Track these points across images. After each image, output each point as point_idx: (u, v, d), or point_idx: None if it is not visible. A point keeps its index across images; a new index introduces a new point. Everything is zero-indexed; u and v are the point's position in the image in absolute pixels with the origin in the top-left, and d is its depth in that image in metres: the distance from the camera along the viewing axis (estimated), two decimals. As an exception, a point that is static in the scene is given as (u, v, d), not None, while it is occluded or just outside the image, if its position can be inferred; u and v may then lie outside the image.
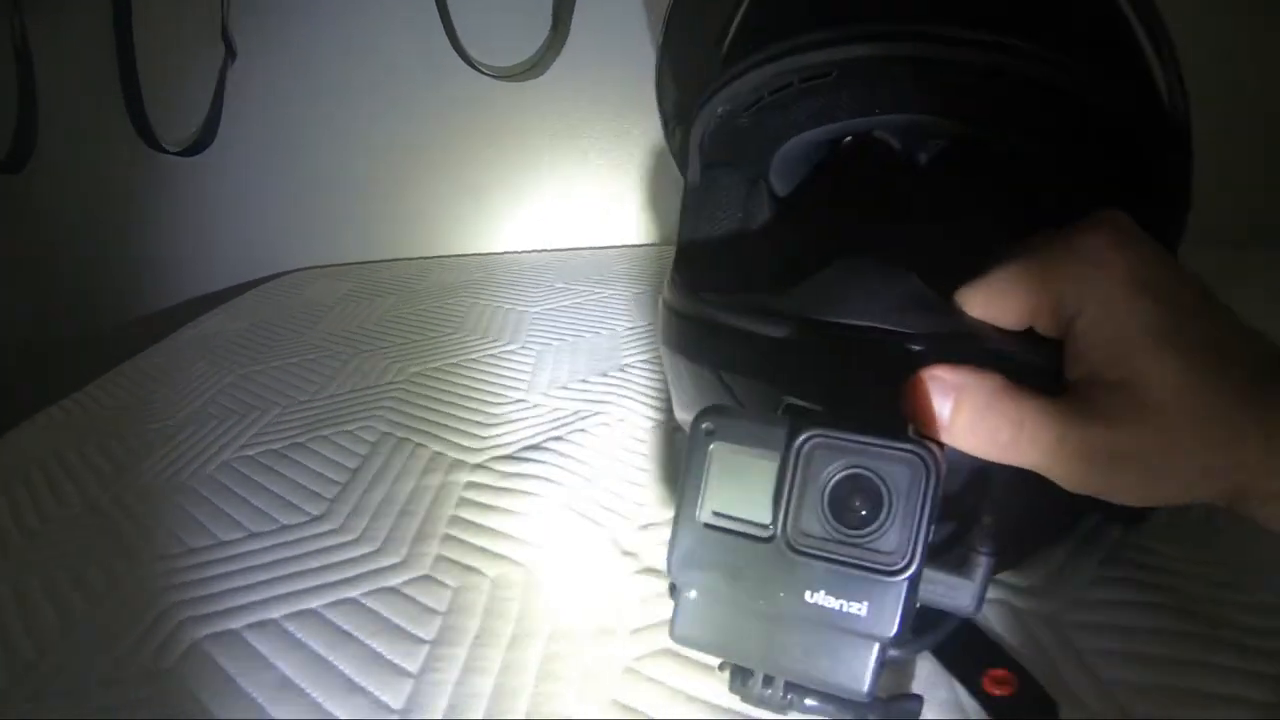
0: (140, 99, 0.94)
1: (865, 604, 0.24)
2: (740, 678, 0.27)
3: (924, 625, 0.27)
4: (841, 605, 0.24)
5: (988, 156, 0.40)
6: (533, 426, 0.53)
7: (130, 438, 0.58)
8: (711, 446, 0.25)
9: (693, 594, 0.26)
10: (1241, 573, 0.34)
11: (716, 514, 0.25)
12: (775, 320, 0.31)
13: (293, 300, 0.91)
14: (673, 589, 0.26)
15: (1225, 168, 0.84)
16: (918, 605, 0.25)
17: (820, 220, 0.44)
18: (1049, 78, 0.34)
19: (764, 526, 0.25)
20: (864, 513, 0.24)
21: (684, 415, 0.40)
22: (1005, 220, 0.40)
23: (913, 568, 0.23)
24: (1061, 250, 0.27)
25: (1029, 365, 0.28)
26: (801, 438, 0.24)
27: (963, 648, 0.31)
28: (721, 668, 0.27)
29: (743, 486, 0.25)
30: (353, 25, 0.96)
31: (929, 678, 0.31)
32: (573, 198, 1.02)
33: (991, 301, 0.28)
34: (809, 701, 0.26)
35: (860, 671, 0.24)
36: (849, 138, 0.46)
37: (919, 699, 0.27)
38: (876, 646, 0.24)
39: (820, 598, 0.24)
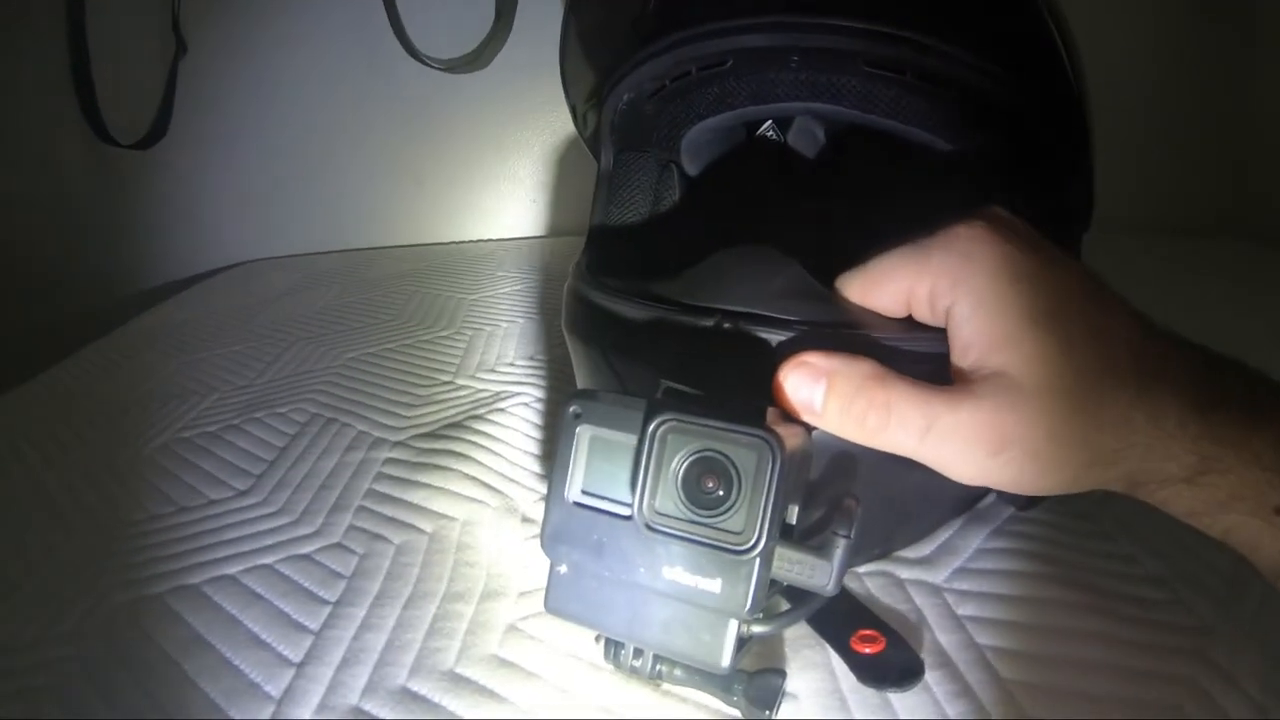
0: (93, 92, 0.94)
1: (718, 581, 0.24)
2: (613, 649, 0.28)
3: (795, 600, 0.28)
4: (696, 582, 0.25)
5: (894, 147, 0.40)
6: (454, 407, 0.55)
7: (78, 422, 0.59)
8: (578, 429, 0.26)
9: (563, 568, 0.27)
10: (1135, 547, 0.36)
11: (585, 493, 0.26)
12: (658, 305, 0.32)
13: (240, 291, 0.93)
14: (551, 564, 0.27)
15: (1190, 161, 0.88)
16: (783, 585, 0.26)
17: (724, 206, 0.45)
18: (937, 68, 0.35)
19: (627, 505, 0.26)
20: (717, 493, 0.24)
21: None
22: (905, 210, 0.42)
23: (760, 545, 0.24)
24: (937, 244, 0.27)
25: (907, 352, 0.28)
26: (655, 421, 0.25)
27: (834, 612, 0.32)
28: (598, 639, 0.29)
29: (608, 466, 0.26)
30: (301, 19, 0.97)
31: (800, 640, 0.32)
32: (518, 189, 1.03)
33: (868, 289, 0.29)
34: (677, 673, 0.28)
35: (718, 647, 0.25)
36: (769, 123, 0.48)
37: (782, 673, 0.29)
38: (733, 623, 0.25)
39: (677, 574, 0.25)
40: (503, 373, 0.60)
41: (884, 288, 0.28)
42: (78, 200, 1.02)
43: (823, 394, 0.26)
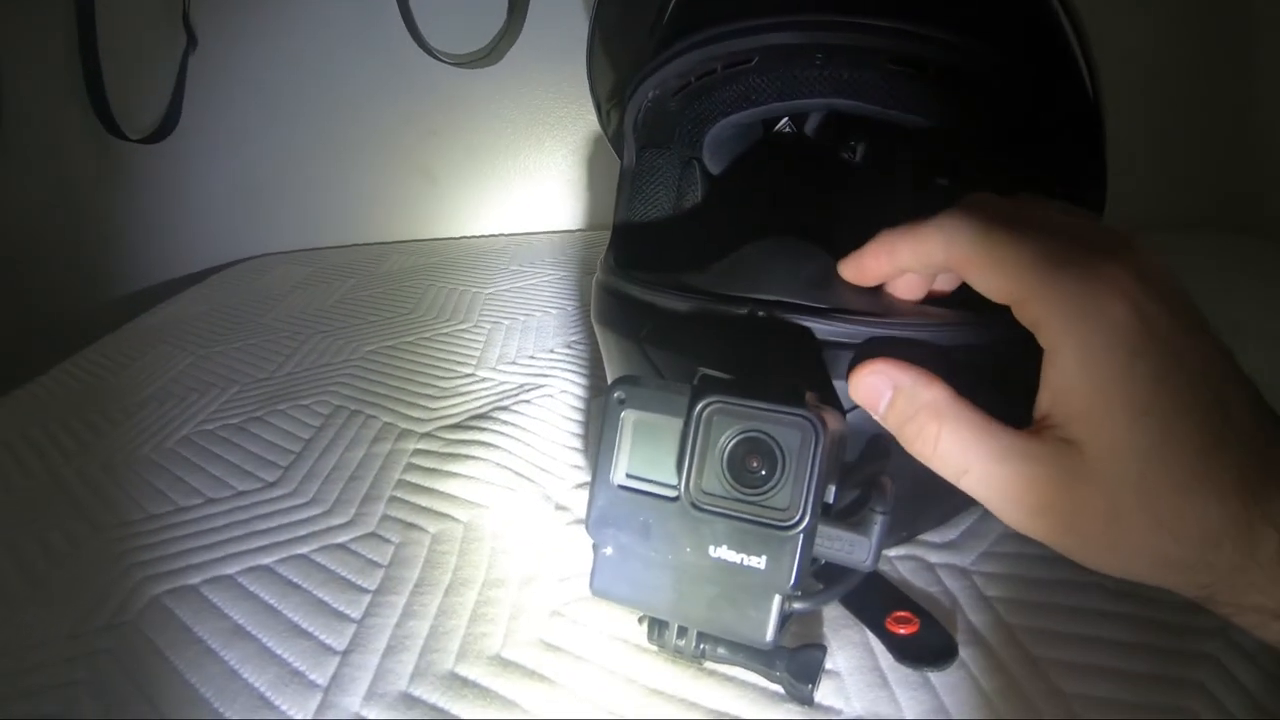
0: (102, 86, 0.94)
1: (764, 557, 0.25)
2: (657, 630, 0.29)
3: (830, 580, 0.28)
4: (742, 559, 0.26)
5: (916, 141, 0.41)
6: (479, 398, 0.55)
7: (94, 416, 0.59)
8: (623, 414, 0.27)
9: (609, 550, 0.28)
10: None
11: (630, 476, 0.27)
12: (691, 295, 0.33)
13: (253, 285, 0.93)
14: (596, 546, 0.28)
15: (1181, 155, 0.88)
16: (821, 562, 0.27)
17: (748, 200, 0.46)
18: (961, 64, 0.36)
19: (671, 487, 0.27)
20: (761, 473, 0.25)
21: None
22: (926, 203, 0.43)
23: (805, 521, 0.25)
24: (1075, 269, 0.23)
25: (932, 344, 0.29)
26: (701, 404, 0.26)
27: (869, 594, 0.33)
28: (641, 620, 0.29)
29: (652, 450, 0.27)
30: (312, 12, 0.97)
31: (838, 620, 0.33)
32: (529, 183, 1.03)
33: (973, 264, 0.26)
34: (720, 651, 0.28)
35: (763, 622, 0.26)
36: (785, 119, 0.48)
37: (823, 649, 0.29)
38: (777, 598, 0.26)
39: (723, 552, 0.26)
40: (524, 365, 0.61)
41: (989, 274, 0.25)
42: (88, 195, 1.02)
43: (886, 403, 0.27)
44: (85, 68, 0.93)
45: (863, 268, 0.30)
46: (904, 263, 0.28)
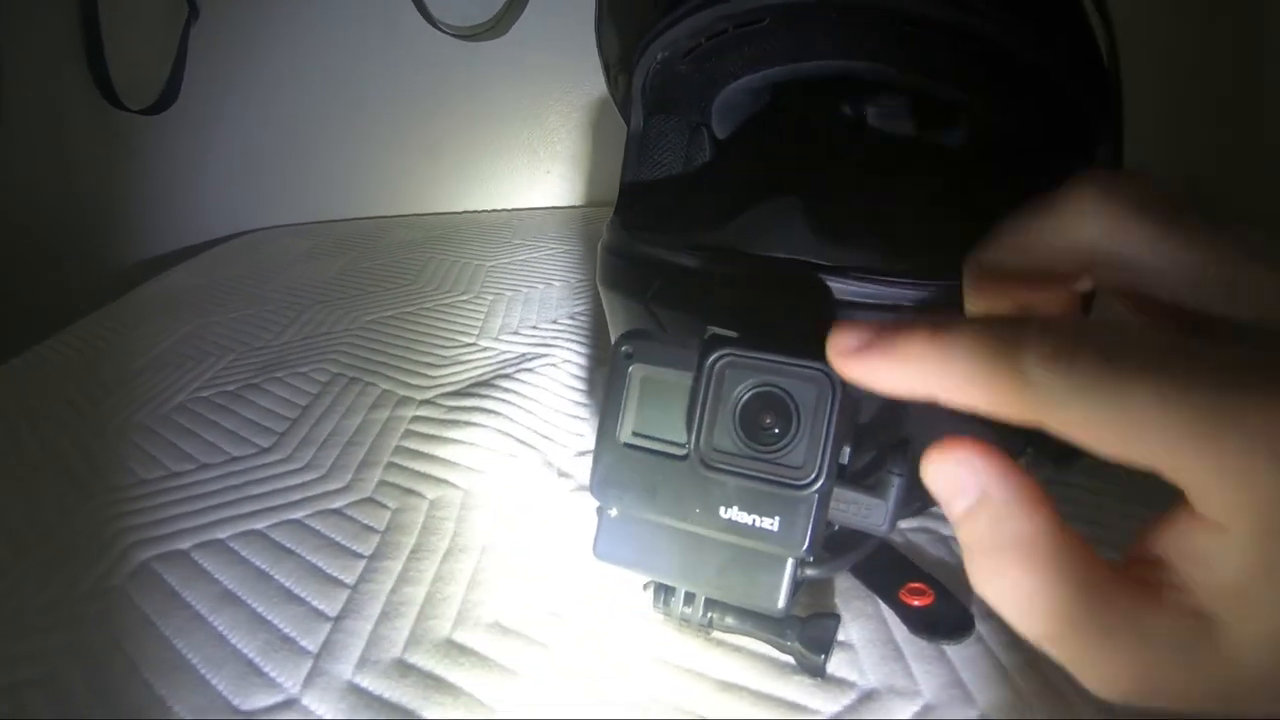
0: (103, 57, 0.93)
1: (777, 519, 0.24)
2: (663, 596, 0.28)
3: (842, 547, 0.27)
4: (754, 520, 0.24)
5: (927, 107, 0.41)
6: (481, 367, 0.54)
7: (90, 385, 0.59)
8: (630, 369, 0.26)
9: (614, 513, 0.26)
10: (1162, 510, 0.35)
11: (636, 434, 0.26)
12: (700, 253, 0.32)
13: (253, 257, 0.92)
14: (601, 509, 0.27)
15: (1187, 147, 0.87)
16: (835, 527, 0.25)
17: (757, 165, 0.45)
18: (976, 28, 0.34)
19: (680, 445, 0.25)
20: (775, 430, 0.24)
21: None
22: (936, 168, 0.41)
23: (820, 481, 0.23)
24: (1238, 430, 0.15)
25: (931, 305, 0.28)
26: (713, 357, 0.24)
27: (882, 566, 0.33)
28: (646, 586, 0.28)
29: (660, 407, 0.25)
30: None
31: (849, 591, 0.32)
32: (533, 159, 1.02)
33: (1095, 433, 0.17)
34: (729, 620, 0.27)
35: (775, 588, 0.24)
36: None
37: (836, 617, 0.28)
38: (790, 562, 0.24)
39: (734, 513, 0.24)
40: (527, 335, 0.60)
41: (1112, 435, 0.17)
42: (88, 166, 1.02)
43: (965, 510, 0.19)
44: (86, 38, 0.92)
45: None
46: None
